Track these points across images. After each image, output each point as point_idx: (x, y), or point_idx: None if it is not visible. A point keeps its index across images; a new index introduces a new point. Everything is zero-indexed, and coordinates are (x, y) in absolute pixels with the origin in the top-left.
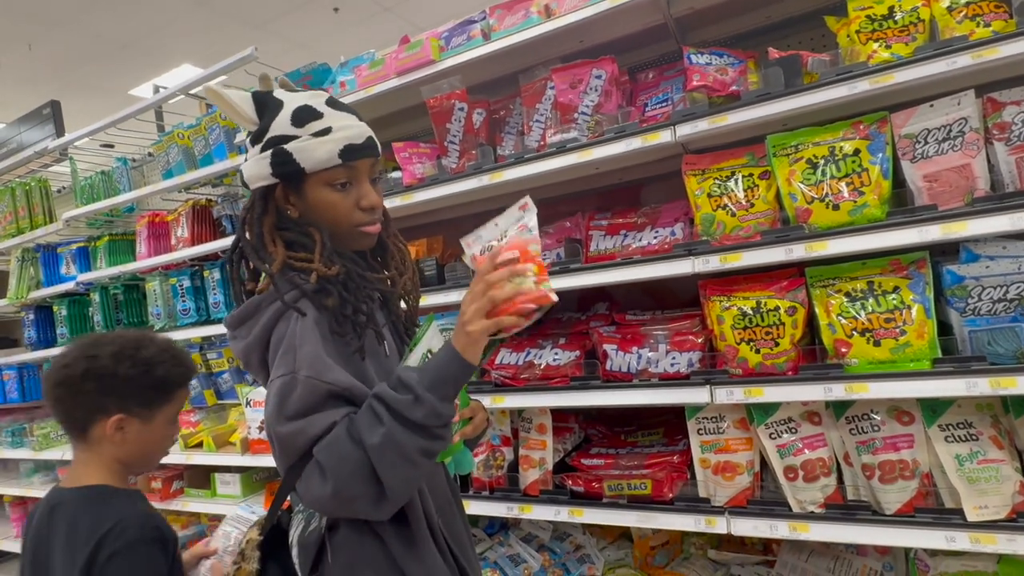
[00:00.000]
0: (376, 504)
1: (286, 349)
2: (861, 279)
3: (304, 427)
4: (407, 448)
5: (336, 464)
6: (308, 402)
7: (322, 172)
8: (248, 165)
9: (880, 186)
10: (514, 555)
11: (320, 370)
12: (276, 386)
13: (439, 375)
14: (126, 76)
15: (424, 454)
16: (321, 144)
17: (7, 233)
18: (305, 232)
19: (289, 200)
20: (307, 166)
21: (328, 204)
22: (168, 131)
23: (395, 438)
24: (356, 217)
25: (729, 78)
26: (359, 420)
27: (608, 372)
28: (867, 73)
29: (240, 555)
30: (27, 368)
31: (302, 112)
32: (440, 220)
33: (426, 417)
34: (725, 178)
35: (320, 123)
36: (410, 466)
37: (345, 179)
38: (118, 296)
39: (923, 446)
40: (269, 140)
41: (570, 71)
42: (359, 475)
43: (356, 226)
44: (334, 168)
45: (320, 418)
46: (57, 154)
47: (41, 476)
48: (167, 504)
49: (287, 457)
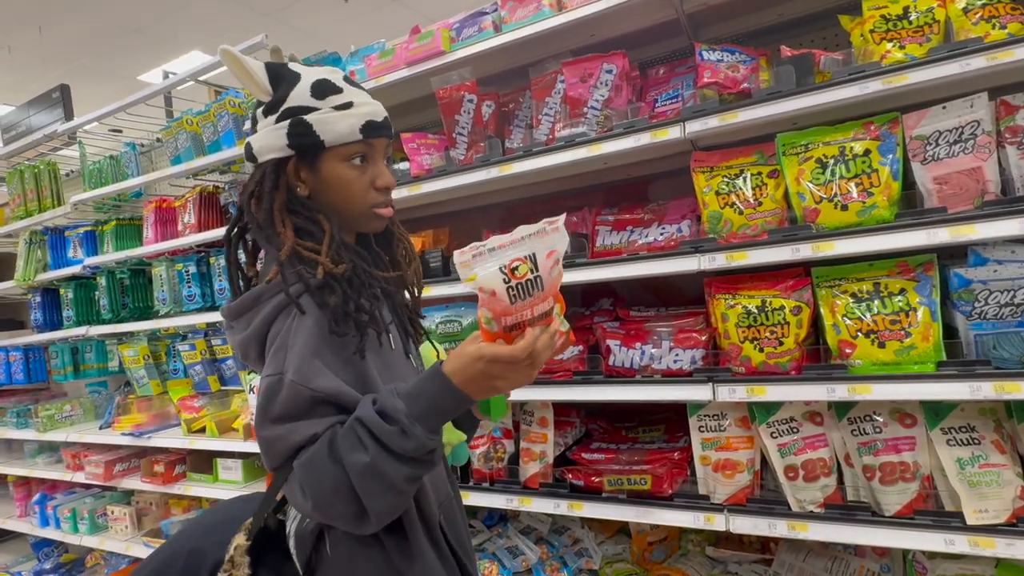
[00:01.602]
0: (358, 523)
1: (278, 347)
2: (867, 280)
3: (285, 433)
4: (393, 478)
5: (315, 483)
6: (292, 407)
7: (341, 147)
8: (260, 136)
9: (890, 187)
10: (512, 547)
11: (307, 375)
12: (263, 385)
13: (431, 407)
14: (136, 61)
15: (410, 482)
16: (343, 118)
17: (15, 215)
18: (314, 219)
19: (300, 176)
20: (327, 139)
21: (344, 181)
22: (177, 117)
23: (379, 468)
24: (371, 197)
25: (740, 75)
26: (341, 441)
27: (611, 367)
28: (880, 73)
29: (230, 562)
30: (33, 350)
31: (322, 85)
32: (447, 212)
33: (415, 450)
34: (734, 176)
35: (341, 97)
36: (395, 494)
37: (362, 157)
38: (124, 280)
39: (925, 449)
40: (287, 110)
41: (580, 65)
42: (339, 496)
43: (371, 207)
44: (354, 144)
45: (302, 427)
46: (66, 138)
47: (45, 457)
48: (169, 488)
49: (271, 460)
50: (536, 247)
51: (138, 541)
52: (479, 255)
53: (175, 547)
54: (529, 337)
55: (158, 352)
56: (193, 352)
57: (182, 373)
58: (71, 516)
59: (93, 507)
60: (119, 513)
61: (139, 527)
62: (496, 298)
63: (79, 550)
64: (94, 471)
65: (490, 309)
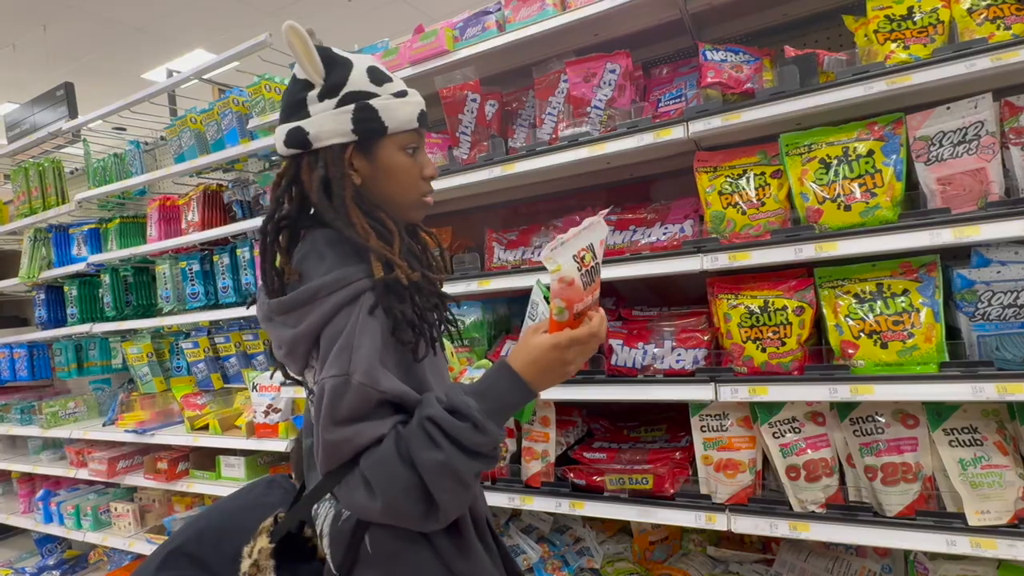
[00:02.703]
0: (425, 520)
1: (342, 347)
2: (870, 281)
3: (352, 436)
4: (465, 474)
5: (386, 483)
6: (359, 410)
7: (399, 135)
8: (318, 120)
9: (893, 188)
10: (514, 546)
11: (376, 378)
12: (328, 387)
13: (500, 402)
14: (139, 60)
15: (478, 476)
16: (403, 105)
17: (20, 213)
18: (376, 216)
19: (353, 164)
20: (391, 126)
21: (401, 169)
22: (181, 115)
23: (454, 465)
24: (421, 186)
25: (744, 75)
26: (410, 439)
27: (613, 367)
28: (884, 73)
29: (255, 566)
30: (37, 347)
31: (376, 72)
32: (450, 211)
33: (486, 445)
34: (737, 176)
35: (395, 85)
36: (465, 489)
37: (415, 144)
38: (128, 278)
39: (927, 449)
40: (348, 95)
41: (584, 65)
42: (410, 495)
43: (421, 195)
44: (411, 131)
45: (369, 428)
46: (70, 136)
47: (49, 453)
48: (172, 485)
49: (330, 462)
50: (593, 237)
51: (141, 538)
52: (559, 248)
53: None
54: (597, 317)
55: (161, 350)
56: (196, 350)
57: (185, 371)
58: (75, 512)
59: (96, 503)
60: (122, 510)
61: (142, 524)
62: (573, 287)
63: (82, 546)
64: (97, 468)
65: (565, 299)
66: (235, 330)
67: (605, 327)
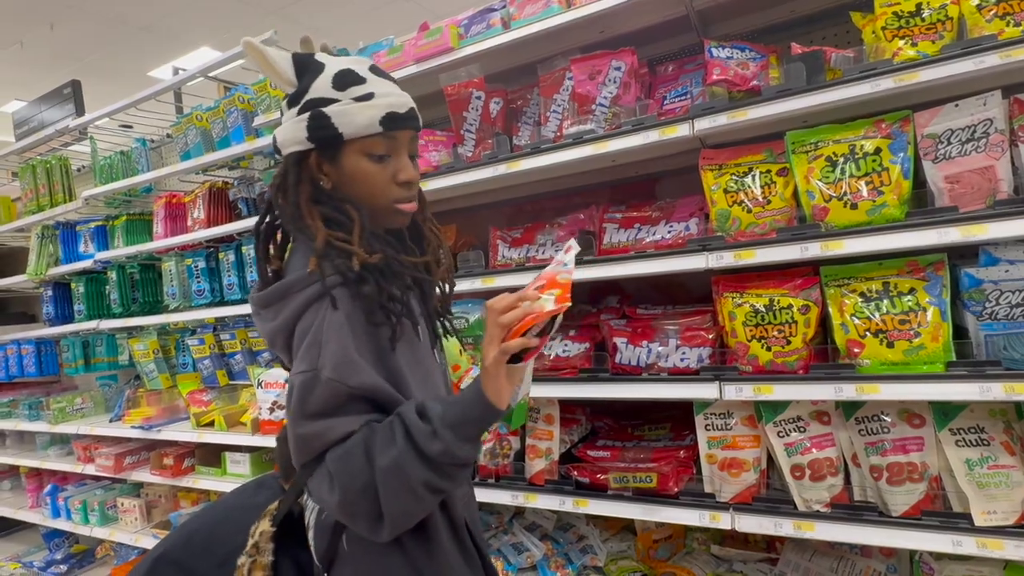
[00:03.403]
0: (375, 527)
1: (311, 343)
2: (877, 280)
3: (322, 431)
4: (412, 479)
5: (347, 479)
6: (328, 404)
7: (361, 140)
8: (283, 128)
9: (900, 186)
10: (518, 543)
11: (344, 373)
12: (298, 382)
13: (463, 415)
14: (145, 58)
15: (430, 489)
16: (363, 109)
17: (28, 210)
18: (341, 209)
19: (323, 169)
20: (346, 132)
21: (365, 175)
22: (187, 113)
23: (402, 465)
24: (393, 192)
25: (750, 72)
26: (377, 436)
27: (617, 365)
28: (892, 71)
29: (255, 547)
30: (44, 343)
31: (344, 75)
32: (455, 209)
33: (440, 454)
34: (742, 174)
35: (362, 88)
36: (412, 498)
37: (384, 150)
38: (134, 275)
39: (933, 449)
40: (307, 102)
41: (589, 62)
42: (366, 495)
43: (393, 202)
44: (374, 136)
45: (339, 423)
46: (77, 133)
47: (56, 449)
48: (178, 481)
49: (303, 456)
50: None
51: (147, 533)
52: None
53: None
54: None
55: (167, 346)
56: (202, 347)
57: (191, 367)
58: (82, 507)
59: (103, 499)
60: (129, 505)
61: (148, 519)
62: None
63: (89, 541)
64: (104, 463)
65: None
66: (240, 327)
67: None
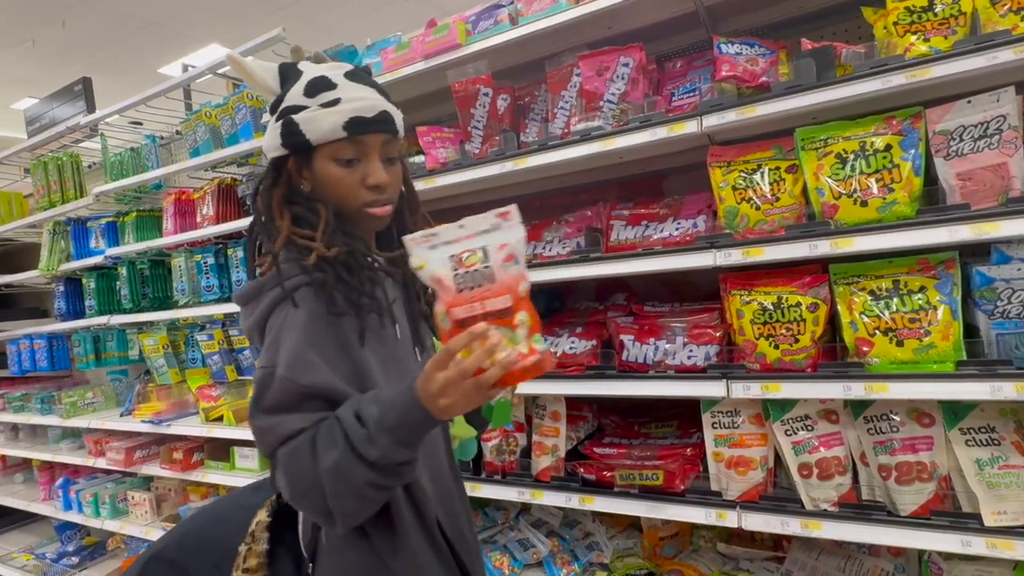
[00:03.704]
0: (327, 520)
1: (271, 340)
2: (887, 278)
3: (275, 425)
4: (354, 481)
5: (294, 476)
6: (281, 401)
7: (328, 145)
8: (266, 135)
9: (911, 183)
10: (524, 539)
11: (297, 371)
12: (257, 377)
13: (400, 419)
14: (155, 55)
15: (374, 488)
16: (327, 115)
17: (39, 206)
18: (312, 208)
19: (301, 173)
20: (312, 138)
21: (334, 180)
22: (196, 110)
23: (343, 469)
24: (362, 196)
25: (759, 69)
26: (321, 437)
27: (624, 363)
28: (903, 67)
29: (251, 536)
30: (56, 338)
31: (316, 82)
32: (462, 205)
33: (379, 458)
34: (751, 171)
35: (331, 94)
36: (357, 497)
37: (351, 154)
38: (144, 271)
39: (942, 449)
40: (282, 110)
41: (597, 58)
42: (312, 491)
43: (363, 205)
44: (339, 141)
45: (291, 420)
46: (88, 130)
47: (68, 442)
48: (187, 475)
49: (263, 448)
50: (488, 240)
51: (157, 526)
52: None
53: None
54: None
55: (177, 341)
56: (211, 342)
57: (200, 362)
58: (93, 500)
59: (114, 492)
60: (139, 498)
61: (158, 512)
62: (443, 286)
63: (100, 533)
64: (115, 457)
65: (443, 302)
66: None
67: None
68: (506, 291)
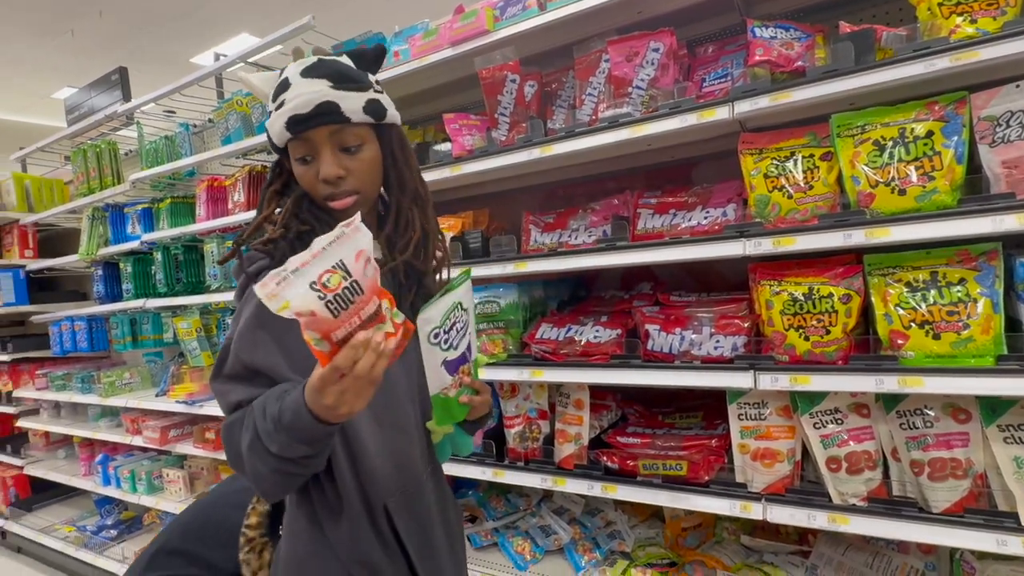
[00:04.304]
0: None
1: (235, 316)
2: (924, 269)
3: (223, 392)
4: (263, 465)
5: (227, 446)
6: (231, 371)
7: (290, 144)
8: None
9: (953, 171)
10: (545, 526)
11: (243, 348)
12: (222, 345)
13: (294, 422)
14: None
15: (281, 474)
16: (277, 118)
17: (79, 192)
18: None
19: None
20: (275, 141)
21: (300, 176)
22: (227, 98)
23: (255, 452)
24: (320, 190)
25: (795, 53)
26: (247, 417)
27: (649, 352)
28: (948, 49)
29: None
30: (95, 320)
31: (279, 86)
32: (488, 193)
33: (279, 451)
34: (784, 158)
35: (283, 95)
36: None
37: (303, 152)
38: (178, 256)
39: (979, 445)
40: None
41: (626, 43)
42: (238, 464)
43: (323, 199)
44: (293, 141)
45: (234, 391)
46: (124, 118)
47: (107, 420)
48: (218, 454)
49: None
50: (342, 253)
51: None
52: (284, 281)
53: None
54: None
55: (209, 325)
56: None
57: None
58: (130, 477)
59: (150, 469)
60: (173, 476)
61: (191, 489)
62: (318, 318)
63: (137, 508)
64: (151, 435)
65: (315, 330)
66: None
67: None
68: (372, 294)
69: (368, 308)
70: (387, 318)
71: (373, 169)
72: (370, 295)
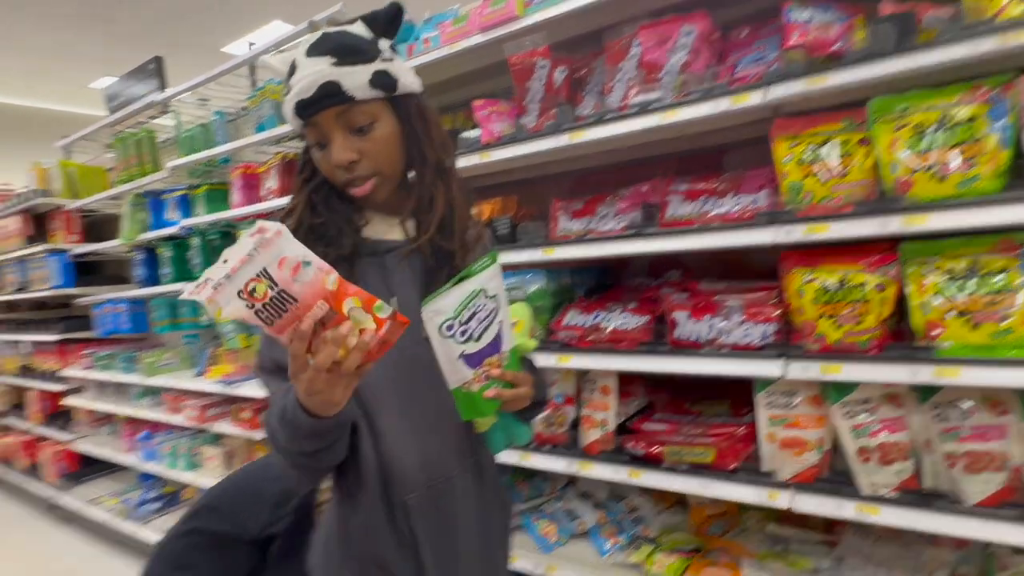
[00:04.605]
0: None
1: None
2: (963, 258)
3: (263, 384)
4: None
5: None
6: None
7: (305, 131)
8: None
9: (997, 157)
10: (570, 510)
11: (265, 342)
12: None
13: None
14: (220, 33)
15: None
16: (287, 105)
17: (120, 179)
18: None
19: None
20: (291, 126)
21: (318, 165)
22: (260, 86)
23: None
24: (337, 176)
25: (832, 35)
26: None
27: (676, 339)
28: (995, 30)
29: None
30: (136, 303)
31: (290, 68)
32: (516, 180)
33: (287, 445)
34: (819, 144)
35: (291, 81)
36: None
37: (316, 138)
38: (214, 241)
39: (1017, 439)
40: None
41: (658, 28)
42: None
43: (344, 187)
44: (305, 128)
45: (271, 383)
46: (162, 107)
47: (149, 400)
48: (254, 433)
49: None
50: (264, 261)
51: None
52: (220, 287)
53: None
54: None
55: None
56: None
57: None
58: (170, 454)
59: (189, 446)
60: (211, 453)
61: (228, 467)
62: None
63: (176, 484)
64: (190, 414)
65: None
66: None
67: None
68: (315, 299)
69: (314, 313)
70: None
71: (390, 147)
72: (312, 299)
